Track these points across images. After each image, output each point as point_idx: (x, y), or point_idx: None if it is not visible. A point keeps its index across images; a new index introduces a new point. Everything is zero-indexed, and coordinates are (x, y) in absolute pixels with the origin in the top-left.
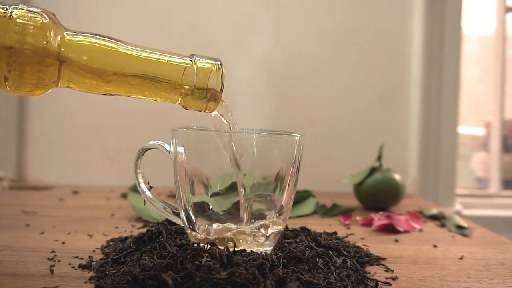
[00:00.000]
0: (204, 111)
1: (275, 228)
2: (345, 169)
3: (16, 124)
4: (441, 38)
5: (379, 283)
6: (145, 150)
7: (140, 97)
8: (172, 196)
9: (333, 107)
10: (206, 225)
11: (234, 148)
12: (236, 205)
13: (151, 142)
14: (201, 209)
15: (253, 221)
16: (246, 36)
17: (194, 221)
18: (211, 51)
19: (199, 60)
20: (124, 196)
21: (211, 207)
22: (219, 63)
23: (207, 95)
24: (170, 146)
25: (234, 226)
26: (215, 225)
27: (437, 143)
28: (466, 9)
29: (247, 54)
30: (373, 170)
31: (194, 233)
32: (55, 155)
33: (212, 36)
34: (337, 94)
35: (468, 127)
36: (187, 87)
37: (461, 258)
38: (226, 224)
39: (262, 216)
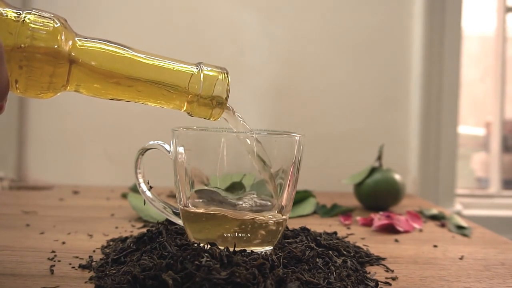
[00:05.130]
0: (209, 119)
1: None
2: (345, 169)
3: (16, 124)
4: (441, 38)
5: (379, 283)
6: (145, 150)
7: (147, 103)
8: (172, 196)
9: (333, 107)
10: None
11: (256, 149)
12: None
13: (151, 142)
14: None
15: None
16: (246, 36)
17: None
18: (211, 51)
19: (206, 68)
20: (124, 196)
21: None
22: (225, 72)
23: (212, 103)
24: (170, 146)
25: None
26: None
27: (437, 143)
28: (466, 9)
29: (247, 54)
30: (373, 170)
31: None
32: (55, 155)
33: (212, 37)
34: (337, 94)
35: (468, 127)
36: (192, 94)
37: (461, 258)
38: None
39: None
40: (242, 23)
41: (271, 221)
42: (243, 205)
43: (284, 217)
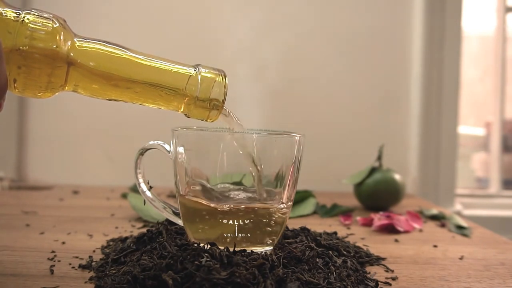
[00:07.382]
0: (206, 120)
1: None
2: (345, 169)
3: (16, 124)
4: (441, 38)
5: (379, 283)
6: (145, 150)
7: (144, 104)
8: (172, 196)
9: (333, 107)
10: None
11: (250, 149)
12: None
13: (151, 142)
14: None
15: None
16: (246, 36)
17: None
18: (210, 51)
19: (203, 70)
20: (124, 196)
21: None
22: (223, 74)
23: (209, 104)
24: (170, 146)
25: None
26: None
27: (437, 143)
28: (466, 9)
29: (247, 54)
30: (373, 170)
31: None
32: (55, 155)
33: (211, 37)
34: (337, 94)
35: (468, 127)
36: (190, 96)
37: (461, 258)
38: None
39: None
40: (242, 24)
41: (272, 208)
42: (242, 197)
43: (284, 207)
